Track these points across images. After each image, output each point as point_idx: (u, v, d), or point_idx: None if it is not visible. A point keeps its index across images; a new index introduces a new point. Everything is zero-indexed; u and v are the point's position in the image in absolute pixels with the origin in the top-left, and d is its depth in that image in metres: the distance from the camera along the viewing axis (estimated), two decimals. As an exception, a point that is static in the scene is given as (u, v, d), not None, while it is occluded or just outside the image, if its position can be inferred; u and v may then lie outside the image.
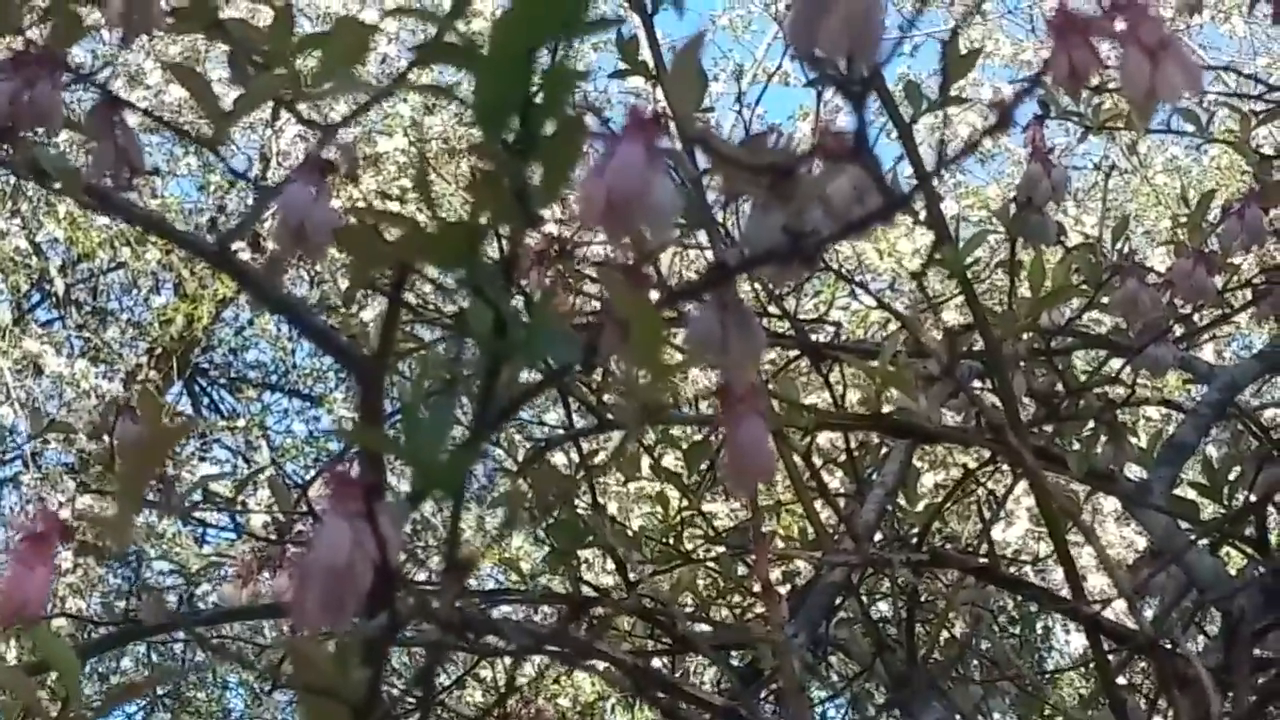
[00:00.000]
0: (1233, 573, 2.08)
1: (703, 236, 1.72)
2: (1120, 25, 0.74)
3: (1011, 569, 3.27)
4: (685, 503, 2.19)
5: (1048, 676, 3.29)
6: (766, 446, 0.78)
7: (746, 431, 0.77)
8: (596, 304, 1.49)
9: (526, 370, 0.78)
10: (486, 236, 0.73)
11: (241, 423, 5.43)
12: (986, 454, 2.12)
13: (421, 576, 1.96)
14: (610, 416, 1.67)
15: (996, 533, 4.80)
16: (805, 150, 0.76)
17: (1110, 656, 1.85)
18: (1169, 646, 1.63)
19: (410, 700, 1.06)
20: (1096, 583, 3.23)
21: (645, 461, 2.23)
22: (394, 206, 4.74)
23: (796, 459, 1.79)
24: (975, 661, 2.69)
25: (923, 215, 1.60)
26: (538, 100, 0.69)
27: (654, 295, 0.76)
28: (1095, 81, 1.53)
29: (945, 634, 2.43)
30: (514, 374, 0.76)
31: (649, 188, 0.66)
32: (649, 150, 0.67)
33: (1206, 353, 4.89)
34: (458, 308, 1.60)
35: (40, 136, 0.98)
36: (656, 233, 0.67)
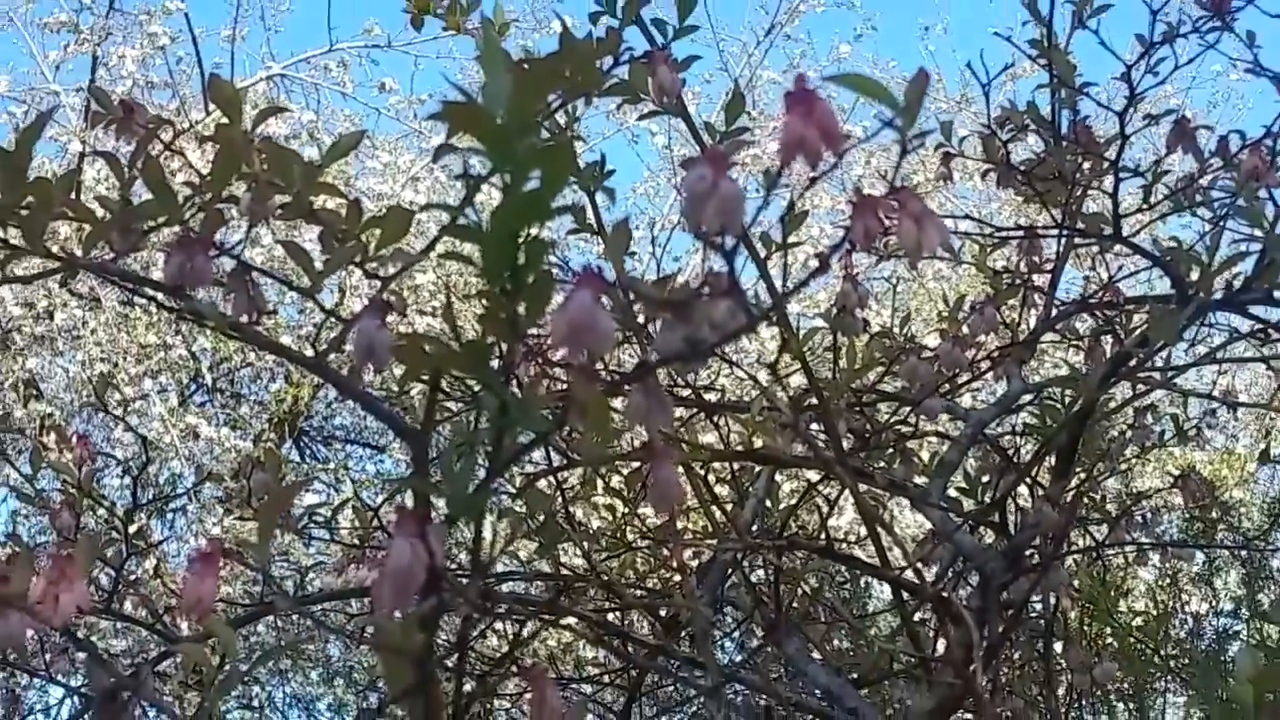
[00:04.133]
0: (987, 544, 2.08)
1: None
2: (896, 203, 0.75)
3: (844, 547, 3.27)
4: (626, 510, 2.19)
5: (869, 616, 3.27)
6: (677, 483, 0.78)
7: (663, 473, 0.78)
8: (564, 388, 1.50)
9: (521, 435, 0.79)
10: (492, 351, 0.74)
11: (332, 465, 5.40)
12: (822, 473, 2.13)
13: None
14: (575, 457, 1.67)
15: (832, 521, 4.81)
16: (697, 288, 0.77)
17: (908, 603, 1.86)
18: (944, 595, 1.64)
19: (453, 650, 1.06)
20: (897, 555, 3.23)
21: (600, 484, 2.23)
22: (428, 319, 4.74)
23: (698, 480, 1.80)
24: (821, 608, 2.69)
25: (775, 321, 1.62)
26: (522, 261, 0.70)
27: (600, 385, 0.77)
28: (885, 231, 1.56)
29: (800, 591, 2.43)
30: (512, 440, 0.77)
31: (595, 321, 0.67)
32: (594, 294, 0.68)
33: (966, 400, 4.91)
34: (472, 391, 1.61)
35: (199, 292, 0.98)
36: (601, 349, 0.68)
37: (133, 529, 2.03)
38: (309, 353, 0.95)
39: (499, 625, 2.74)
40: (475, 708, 2.80)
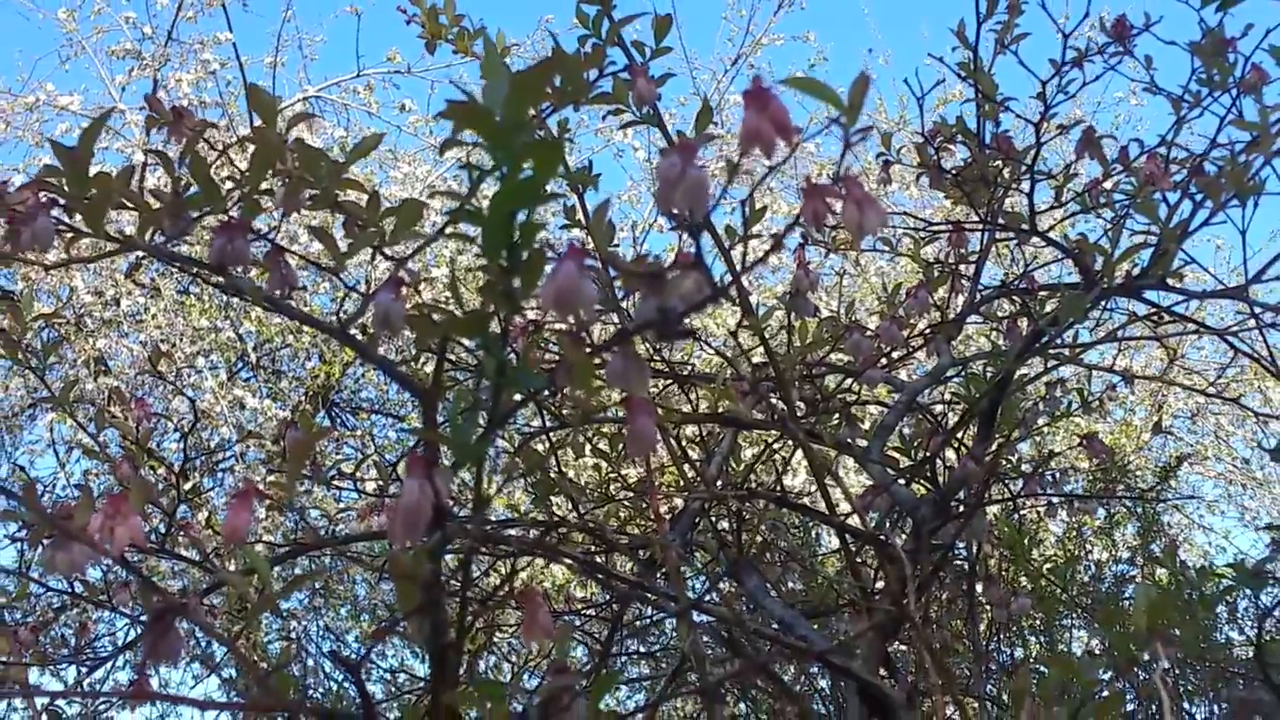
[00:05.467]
0: (919, 494, 2.08)
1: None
2: (841, 189, 0.75)
3: (796, 499, 3.26)
4: (610, 468, 2.18)
5: (818, 557, 3.27)
6: (653, 432, 0.77)
7: (641, 423, 0.77)
8: (554, 354, 1.49)
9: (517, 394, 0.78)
10: (492, 320, 0.73)
11: (359, 431, 5.38)
12: (778, 434, 2.12)
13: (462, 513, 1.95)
14: (565, 419, 1.66)
15: (786, 480, 4.80)
16: (669, 265, 0.76)
17: (851, 546, 1.86)
18: (883, 539, 1.64)
19: (456, 583, 1.05)
20: (844, 506, 3.23)
21: (587, 446, 2.23)
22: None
23: (671, 441, 1.79)
24: (777, 551, 2.69)
25: (737, 301, 1.61)
26: (518, 240, 0.69)
27: (586, 349, 0.76)
28: (832, 221, 1.55)
29: (759, 536, 2.42)
30: (509, 397, 0.76)
31: (580, 289, 0.66)
32: (579, 266, 0.67)
33: (902, 372, 4.90)
34: (477, 360, 1.59)
35: (239, 271, 0.97)
36: (586, 315, 0.67)
37: (186, 486, 2.01)
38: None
39: (498, 566, 2.73)
40: (478, 638, 2.79)
